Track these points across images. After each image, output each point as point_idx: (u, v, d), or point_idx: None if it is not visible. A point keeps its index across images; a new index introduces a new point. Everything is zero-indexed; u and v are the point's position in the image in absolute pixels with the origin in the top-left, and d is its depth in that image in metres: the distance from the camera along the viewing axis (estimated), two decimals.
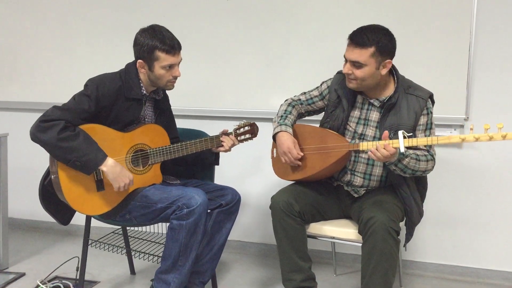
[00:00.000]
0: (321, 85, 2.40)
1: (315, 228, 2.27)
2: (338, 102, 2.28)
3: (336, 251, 2.92)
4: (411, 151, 2.08)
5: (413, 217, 2.20)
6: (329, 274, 2.88)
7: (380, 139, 2.09)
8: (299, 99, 2.42)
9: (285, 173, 2.36)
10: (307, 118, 2.51)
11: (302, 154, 2.24)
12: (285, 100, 2.45)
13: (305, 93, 2.43)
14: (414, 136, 2.14)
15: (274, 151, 2.43)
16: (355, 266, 2.96)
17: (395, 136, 2.03)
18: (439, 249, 2.87)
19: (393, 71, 2.21)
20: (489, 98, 2.68)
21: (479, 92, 2.69)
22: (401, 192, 2.19)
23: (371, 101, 2.22)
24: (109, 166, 2.08)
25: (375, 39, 2.06)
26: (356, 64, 2.08)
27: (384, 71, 2.12)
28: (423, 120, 2.17)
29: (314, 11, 2.85)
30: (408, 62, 2.70)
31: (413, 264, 2.92)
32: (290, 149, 2.23)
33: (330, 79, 2.37)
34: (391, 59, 2.14)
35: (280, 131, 2.28)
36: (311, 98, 2.40)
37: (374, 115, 2.22)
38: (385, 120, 2.17)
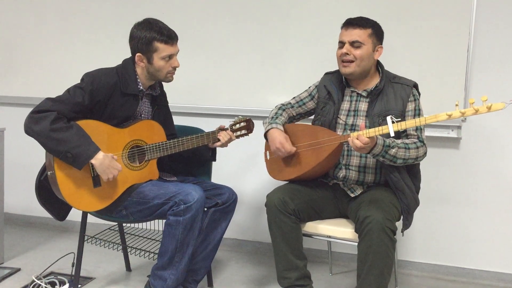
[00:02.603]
0: (309, 87, 2.48)
1: (311, 227, 2.27)
2: (328, 97, 2.35)
3: (332, 250, 2.93)
4: (399, 141, 2.14)
5: (407, 201, 2.20)
6: (325, 273, 2.88)
7: (370, 127, 2.15)
8: (289, 103, 2.48)
9: (281, 173, 2.36)
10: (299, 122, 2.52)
11: (295, 148, 2.27)
12: (276, 106, 2.49)
13: (294, 97, 2.50)
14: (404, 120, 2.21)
15: (267, 153, 2.44)
16: (351, 265, 2.97)
17: (384, 123, 2.11)
18: (434, 249, 2.87)
19: (378, 65, 2.31)
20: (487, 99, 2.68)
21: (477, 93, 2.69)
22: (392, 177, 2.20)
23: (359, 92, 2.29)
24: (99, 159, 2.08)
25: (372, 22, 2.24)
26: (355, 44, 2.18)
27: (377, 56, 2.25)
28: (410, 106, 2.23)
29: (312, 9, 2.85)
30: (406, 62, 2.71)
31: (409, 264, 2.92)
32: (282, 144, 2.26)
33: (318, 80, 2.45)
34: (382, 45, 2.28)
35: (271, 128, 2.33)
36: (301, 100, 2.46)
37: (363, 106, 2.28)
38: (373, 108, 2.23)
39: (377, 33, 2.23)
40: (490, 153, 2.72)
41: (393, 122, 2.01)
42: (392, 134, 2.00)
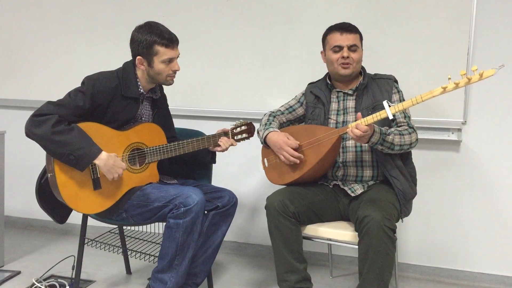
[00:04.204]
0: (296, 96, 2.56)
1: (311, 229, 2.27)
2: (317, 101, 2.43)
3: (332, 253, 2.93)
4: (392, 129, 2.21)
5: (402, 188, 2.21)
6: (325, 276, 2.88)
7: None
8: (279, 110, 2.53)
9: (281, 177, 2.36)
10: None
11: (298, 142, 2.28)
12: (265, 114, 2.53)
13: (283, 105, 2.55)
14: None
15: (265, 160, 2.44)
16: (351, 268, 2.97)
17: (374, 111, 2.20)
18: (434, 252, 2.87)
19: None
20: (487, 101, 2.69)
21: (477, 95, 2.70)
22: (386, 165, 2.24)
23: (345, 91, 2.38)
24: (102, 159, 2.08)
25: (356, 28, 2.36)
26: (353, 48, 2.30)
27: (362, 58, 2.38)
28: (395, 97, 2.34)
29: (311, 11, 2.86)
30: (406, 64, 2.71)
31: (409, 267, 2.92)
32: (285, 142, 2.29)
33: (303, 90, 2.53)
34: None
35: (269, 133, 2.36)
36: (291, 107, 2.53)
37: (351, 103, 2.36)
38: (360, 103, 2.32)
39: (362, 37, 2.37)
40: (491, 156, 2.72)
41: (389, 106, 2.05)
42: (391, 117, 2.05)
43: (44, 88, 3.39)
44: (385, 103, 2.07)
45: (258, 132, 2.47)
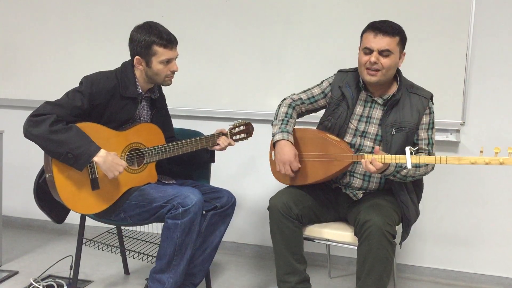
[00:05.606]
0: (322, 82, 2.36)
1: (310, 230, 2.27)
2: (342, 99, 2.26)
3: (331, 254, 2.92)
4: None
5: (409, 215, 2.19)
6: (323, 276, 2.87)
7: (382, 136, 2.15)
8: (300, 98, 2.35)
9: (285, 177, 2.30)
10: (305, 118, 2.48)
11: (300, 166, 2.19)
12: (283, 100, 2.38)
13: (305, 91, 2.37)
14: (417, 133, 2.18)
15: (273, 153, 2.41)
16: (350, 269, 2.96)
17: (397, 134, 2.12)
18: (434, 253, 2.87)
19: (396, 71, 2.23)
20: (486, 103, 2.69)
21: (476, 97, 2.70)
22: (398, 190, 2.19)
23: (375, 98, 2.22)
24: (102, 156, 2.06)
25: (399, 29, 2.14)
26: (384, 53, 2.09)
27: (400, 63, 2.18)
28: (425, 119, 2.18)
29: (311, 12, 2.86)
30: (405, 66, 2.70)
31: (408, 268, 2.92)
32: (291, 162, 2.16)
33: (331, 77, 2.35)
34: (404, 51, 2.20)
35: (282, 139, 2.20)
36: (313, 97, 2.35)
37: (377, 113, 2.21)
38: (387, 117, 2.17)
39: (403, 40, 2.15)
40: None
41: (411, 154, 1.94)
42: (409, 166, 1.94)
43: (44, 88, 3.38)
44: (407, 150, 1.94)
45: (272, 124, 2.32)
